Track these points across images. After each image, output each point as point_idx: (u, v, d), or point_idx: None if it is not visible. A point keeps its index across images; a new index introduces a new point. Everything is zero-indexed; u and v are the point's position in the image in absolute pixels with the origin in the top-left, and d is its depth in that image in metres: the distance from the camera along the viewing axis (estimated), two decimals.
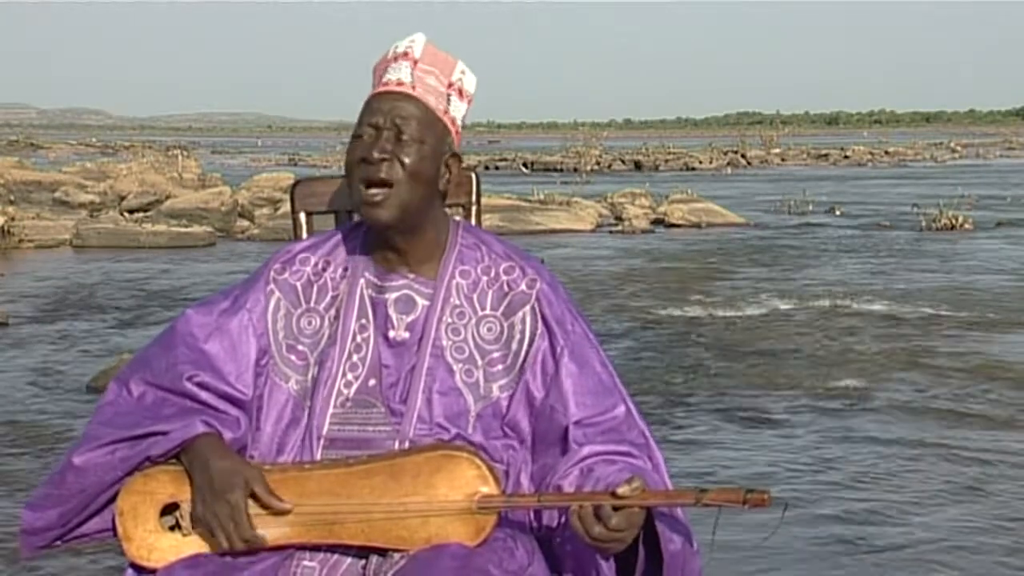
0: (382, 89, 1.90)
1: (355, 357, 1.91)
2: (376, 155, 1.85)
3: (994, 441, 5.67)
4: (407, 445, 1.84)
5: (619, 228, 17.27)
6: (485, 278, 1.94)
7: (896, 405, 6.41)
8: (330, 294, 1.96)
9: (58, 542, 1.89)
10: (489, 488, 1.77)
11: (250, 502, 1.79)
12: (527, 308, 1.93)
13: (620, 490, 1.67)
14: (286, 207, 13.23)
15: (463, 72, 1.96)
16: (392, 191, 1.86)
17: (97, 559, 4.05)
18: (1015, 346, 8.08)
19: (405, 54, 1.92)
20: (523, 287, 1.94)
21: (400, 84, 1.89)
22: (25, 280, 11.76)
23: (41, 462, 5.29)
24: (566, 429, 1.86)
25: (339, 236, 2.01)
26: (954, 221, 16.70)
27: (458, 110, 1.94)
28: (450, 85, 1.93)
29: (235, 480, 1.78)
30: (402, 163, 1.86)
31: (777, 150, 46.58)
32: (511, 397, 1.89)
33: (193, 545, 1.81)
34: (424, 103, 1.89)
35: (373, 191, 1.86)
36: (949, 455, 5.43)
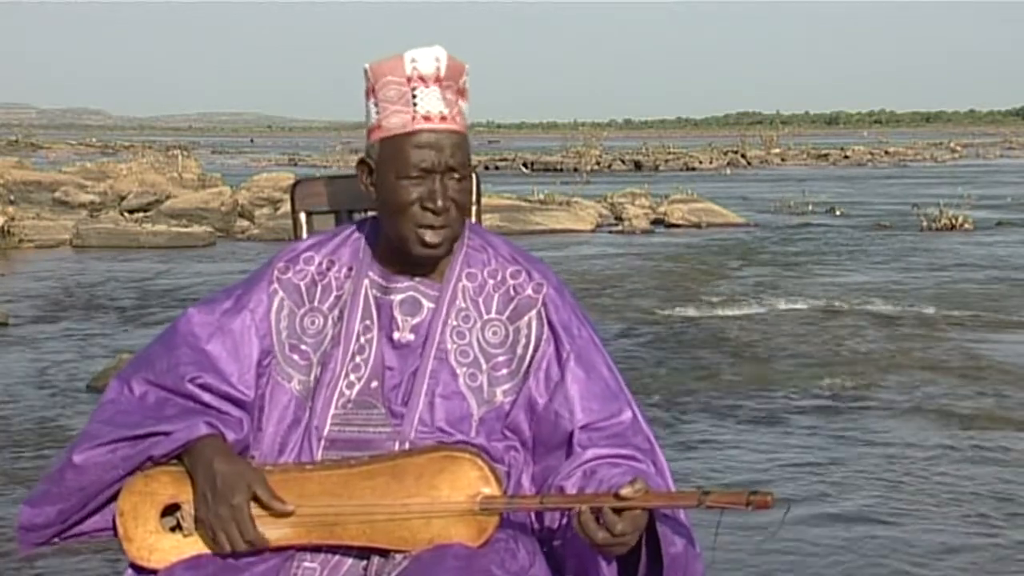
0: (425, 126, 1.85)
1: (358, 358, 1.90)
2: (441, 204, 1.84)
3: (995, 441, 5.67)
4: (407, 447, 1.84)
5: (619, 228, 17.27)
6: (491, 281, 1.94)
7: (896, 405, 6.40)
8: (334, 294, 1.95)
9: (56, 539, 1.88)
10: (491, 489, 1.77)
11: (252, 504, 1.78)
12: (533, 313, 1.92)
13: (623, 491, 1.66)
14: (286, 207, 13.23)
15: (467, 75, 1.93)
16: (449, 231, 1.87)
17: (97, 559, 4.05)
18: (1015, 346, 8.08)
19: (435, 77, 1.86)
20: (529, 291, 1.93)
21: (443, 119, 1.86)
22: (25, 280, 11.76)
23: (41, 462, 5.28)
24: (571, 434, 1.85)
25: (344, 235, 2.00)
26: (954, 221, 16.69)
27: (466, 113, 1.92)
28: (457, 91, 1.90)
29: (238, 483, 1.77)
30: (456, 203, 1.87)
31: (777, 150, 46.57)
32: (514, 402, 1.89)
33: (194, 546, 1.80)
34: (463, 133, 1.88)
35: (433, 233, 1.85)
36: (949, 455, 5.43)
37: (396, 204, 1.86)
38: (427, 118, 1.86)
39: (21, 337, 8.56)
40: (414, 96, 1.86)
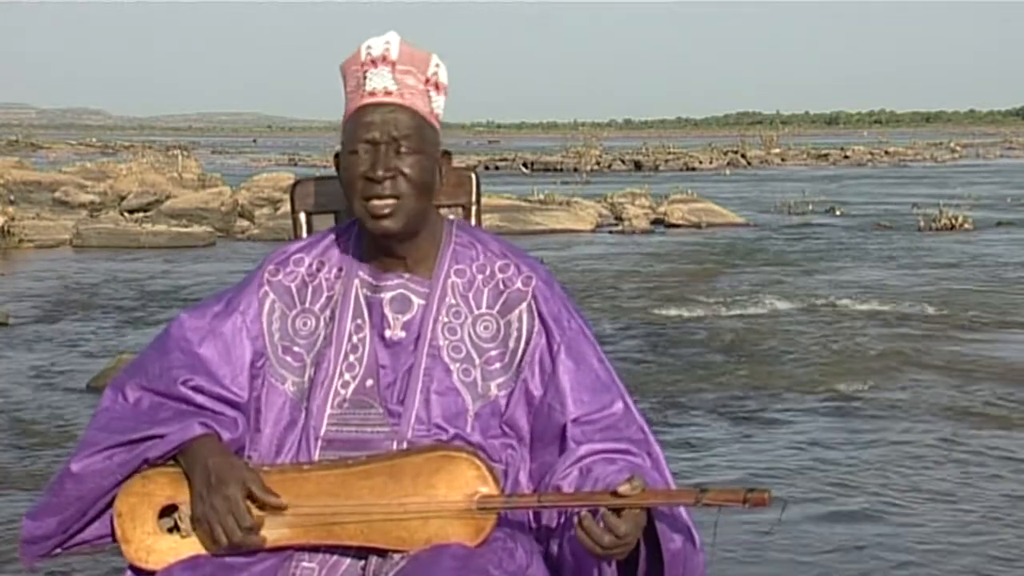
0: (370, 101, 1.87)
1: (352, 358, 1.90)
2: (380, 173, 1.84)
3: (994, 441, 5.67)
4: (405, 446, 1.84)
5: (619, 228, 17.26)
6: (481, 276, 1.94)
7: (896, 405, 6.40)
8: (325, 294, 1.95)
9: (58, 550, 1.89)
10: (488, 488, 1.77)
11: (248, 504, 1.78)
12: (523, 306, 1.92)
13: (620, 489, 1.66)
14: (286, 207, 13.23)
15: (437, 65, 1.94)
16: (399, 203, 1.85)
17: (97, 560, 4.05)
18: (1015, 345, 8.08)
19: (384, 58, 1.89)
20: (519, 284, 1.93)
21: (388, 93, 1.87)
22: (25, 280, 11.76)
23: (41, 462, 5.28)
24: (564, 427, 1.85)
25: (333, 236, 2.00)
26: (954, 221, 16.69)
27: (438, 105, 1.93)
28: (427, 81, 1.91)
29: (231, 475, 1.77)
30: (405, 176, 1.85)
31: (777, 150, 46.53)
32: (509, 395, 1.89)
33: (192, 547, 1.80)
34: (414, 110, 1.88)
35: (379, 203, 1.85)
36: (949, 455, 5.43)
37: (347, 180, 1.88)
38: (372, 93, 1.88)
39: (21, 337, 8.56)
40: (365, 78, 1.89)
